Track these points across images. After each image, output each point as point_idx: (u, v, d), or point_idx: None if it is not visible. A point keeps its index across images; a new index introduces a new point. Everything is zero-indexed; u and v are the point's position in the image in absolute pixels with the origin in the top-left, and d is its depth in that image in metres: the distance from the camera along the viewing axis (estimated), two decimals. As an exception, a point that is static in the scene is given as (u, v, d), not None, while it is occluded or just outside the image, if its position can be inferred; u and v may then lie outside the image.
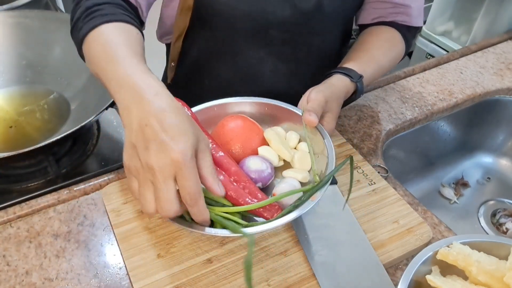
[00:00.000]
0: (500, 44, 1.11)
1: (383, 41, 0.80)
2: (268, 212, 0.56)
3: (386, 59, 0.78)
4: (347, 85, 0.71)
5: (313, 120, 0.63)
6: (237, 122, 0.66)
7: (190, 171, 0.46)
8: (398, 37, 0.81)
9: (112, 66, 0.53)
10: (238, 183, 0.58)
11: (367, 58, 0.76)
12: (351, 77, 0.71)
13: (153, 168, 0.46)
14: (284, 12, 0.73)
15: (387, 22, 0.81)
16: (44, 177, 0.82)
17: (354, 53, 0.77)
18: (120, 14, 0.60)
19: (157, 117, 0.47)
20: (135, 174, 0.49)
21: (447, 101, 0.91)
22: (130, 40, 0.57)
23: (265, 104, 0.70)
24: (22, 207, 0.67)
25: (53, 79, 1.02)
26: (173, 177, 0.46)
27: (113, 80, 0.52)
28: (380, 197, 0.67)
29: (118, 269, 0.60)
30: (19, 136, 0.89)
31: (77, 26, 0.61)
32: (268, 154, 0.65)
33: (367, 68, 0.74)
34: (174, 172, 0.46)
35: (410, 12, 0.80)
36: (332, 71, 0.73)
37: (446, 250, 0.50)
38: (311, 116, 0.63)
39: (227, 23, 0.75)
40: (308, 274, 0.57)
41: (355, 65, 0.73)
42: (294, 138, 0.67)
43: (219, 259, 0.58)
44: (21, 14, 1.07)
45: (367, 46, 0.78)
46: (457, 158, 1.02)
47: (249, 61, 0.80)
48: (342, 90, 0.70)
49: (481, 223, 0.91)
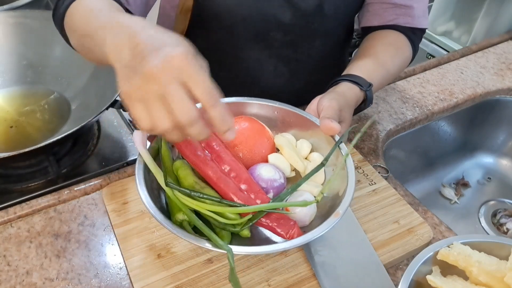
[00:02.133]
0: (501, 44, 1.11)
1: (388, 46, 0.76)
2: (283, 227, 0.51)
3: (393, 64, 0.74)
4: (357, 94, 0.67)
5: (335, 127, 0.57)
6: (246, 125, 0.61)
7: (197, 69, 0.42)
8: (403, 40, 0.78)
9: (97, 20, 0.51)
10: (248, 192, 0.54)
11: (374, 64, 0.72)
12: (361, 86, 0.67)
13: (156, 74, 0.41)
14: (285, 14, 0.73)
15: (391, 26, 0.78)
16: (45, 177, 0.82)
17: (360, 59, 0.73)
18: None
19: (147, 34, 0.43)
20: (138, 95, 0.43)
21: (448, 101, 0.91)
22: (114, 6, 0.57)
23: (274, 107, 0.65)
24: (22, 207, 0.67)
25: (54, 79, 1.02)
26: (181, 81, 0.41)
27: (99, 30, 0.50)
28: (380, 197, 0.67)
29: (119, 269, 0.60)
30: (19, 136, 0.89)
31: (58, 5, 0.61)
32: (279, 163, 0.59)
33: (374, 74, 0.70)
34: (180, 76, 0.41)
35: (413, 12, 0.77)
36: (338, 79, 0.68)
37: (446, 251, 0.50)
38: (332, 122, 0.57)
39: (227, 26, 0.75)
40: (308, 274, 0.57)
41: (362, 72, 0.69)
42: (305, 147, 0.62)
43: (220, 259, 0.58)
44: (22, 14, 1.07)
45: (372, 51, 0.74)
46: (457, 158, 1.02)
47: (250, 63, 0.80)
48: (353, 99, 0.66)
49: (481, 223, 0.91)
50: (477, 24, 1.26)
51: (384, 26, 0.78)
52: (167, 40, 0.43)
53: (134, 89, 0.43)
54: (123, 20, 0.47)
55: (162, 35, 0.44)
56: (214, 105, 0.42)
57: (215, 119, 0.43)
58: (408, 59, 0.78)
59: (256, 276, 0.57)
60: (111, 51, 0.46)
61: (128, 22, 0.46)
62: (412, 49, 0.78)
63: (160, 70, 0.41)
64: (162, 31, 0.44)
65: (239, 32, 0.76)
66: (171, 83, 0.41)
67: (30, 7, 1.18)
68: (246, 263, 0.58)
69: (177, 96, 0.41)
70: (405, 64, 0.78)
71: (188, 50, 0.42)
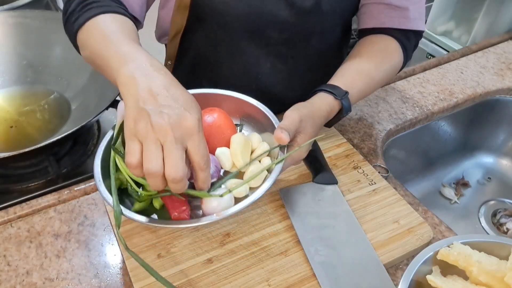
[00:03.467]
0: (501, 44, 1.11)
1: (376, 53, 0.75)
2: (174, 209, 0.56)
3: (379, 72, 0.74)
4: (329, 103, 0.66)
5: (283, 137, 0.58)
6: (213, 116, 0.63)
7: (202, 137, 0.48)
8: (394, 46, 0.76)
9: (113, 46, 0.55)
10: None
11: (357, 71, 0.72)
12: (335, 95, 0.67)
13: (167, 129, 0.46)
14: (282, 11, 0.73)
15: (385, 29, 0.77)
16: (45, 177, 0.83)
17: (344, 67, 0.73)
18: (115, 6, 0.63)
19: (167, 88, 0.49)
20: (142, 135, 0.47)
21: (448, 101, 0.91)
22: (127, 28, 0.60)
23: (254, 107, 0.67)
24: (22, 207, 0.67)
25: (54, 79, 1.02)
26: (184, 143, 0.47)
27: (115, 57, 0.54)
28: (380, 197, 0.67)
29: (119, 269, 0.60)
30: (19, 136, 0.89)
31: (71, 17, 0.63)
32: (223, 156, 0.61)
33: (356, 82, 0.70)
34: (186, 138, 0.47)
35: (408, 14, 0.75)
36: (317, 89, 0.69)
37: (446, 250, 0.50)
38: (282, 132, 0.58)
39: (224, 23, 0.75)
40: (308, 274, 0.57)
41: (343, 80, 0.69)
42: (261, 149, 0.63)
43: (220, 259, 0.58)
44: (22, 14, 1.07)
45: (358, 59, 0.74)
46: (457, 158, 1.02)
47: (247, 61, 0.80)
48: (324, 110, 0.66)
49: (481, 223, 0.91)
50: (477, 24, 1.26)
51: (379, 29, 0.78)
52: (184, 101, 0.49)
53: (141, 129, 0.47)
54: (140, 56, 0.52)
55: (181, 91, 0.50)
56: (204, 170, 0.50)
57: (200, 179, 0.51)
58: (397, 66, 0.78)
59: (256, 276, 0.57)
60: (127, 84, 0.50)
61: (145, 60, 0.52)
62: (403, 55, 0.77)
63: (172, 127, 0.46)
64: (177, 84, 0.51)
65: (235, 29, 0.76)
66: (175, 141, 0.47)
67: (30, 7, 1.18)
68: (246, 263, 0.58)
69: (176, 154, 0.47)
70: (394, 71, 0.78)
71: (199, 117, 0.49)
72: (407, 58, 0.79)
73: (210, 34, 0.78)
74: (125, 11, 0.65)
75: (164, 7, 0.81)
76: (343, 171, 0.71)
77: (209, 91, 0.69)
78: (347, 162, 0.72)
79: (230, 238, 0.61)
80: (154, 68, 0.51)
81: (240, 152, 0.61)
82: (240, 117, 0.70)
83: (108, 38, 0.57)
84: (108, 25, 0.59)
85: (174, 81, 0.51)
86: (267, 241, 0.61)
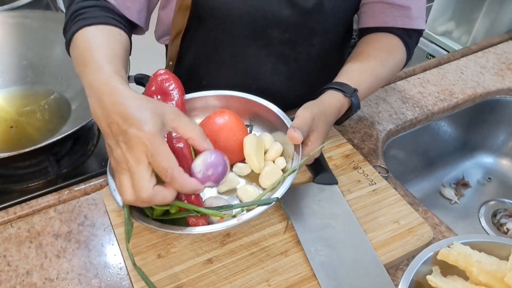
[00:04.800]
0: (501, 44, 1.11)
1: (380, 50, 0.76)
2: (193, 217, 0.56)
3: (384, 69, 0.74)
4: (339, 101, 0.67)
5: (297, 137, 0.58)
6: (224, 118, 0.64)
7: (158, 146, 0.47)
8: (397, 44, 0.77)
9: (85, 71, 0.56)
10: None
11: (363, 69, 0.72)
12: (344, 92, 0.67)
13: (125, 157, 0.48)
14: (283, 11, 0.73)
15: (387, 28, 0.77)
16: (45, 177, 0.83)
17: (349, 65, 0.73)
18: (104, 17, 0.62)
19: (117, 112, 0.49)
20: (115, 170, 0.50)
21: (448, 101, 0.91)
22: (109, 42, 0.60)
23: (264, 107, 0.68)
24: (22, 207, 0.67)
25: (54, 80, 1.02)
26: (146, 159, 0.48)
27: (85, 86, 0.55)
28: (380, 197, 0.67)
29: (119, 269, 0.60)
30: (19, 136, 0.89)
31: (66, 28, 0.64)
32: (240, 171, 0.63)
33: (362, 80, 0.70)
34: (144, 153, 0.47)
35: (410, 13, 0.76)
36: (325, 87, 0.69)
37: (447, 251, 0.50)
38: (295, 132, 0.58)
39: (225, 23, 0.75)
40: (308, 274, 0.57)
41: (350, 78, 0.69)
42: (275, 150, 0.64)
43: (220, 259, 0.58)
44: (22, 14, 1.07)
45: (363, 57, 0.74)
46: (457, 158, 1.02)
47: (248, 61, 0.80)
48: (334, 107, 0.66)
49: (481, 224, 0.91)
50: (477, 24, 1.26)
51: (381, 28, 0.78)
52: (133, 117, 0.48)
53: (112, 165, 0.51)
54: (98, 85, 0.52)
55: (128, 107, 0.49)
56: (172, 181, 0.48)
57: (177, 189, 0.50)
58: (401, 63, 0.78)
59: (256, 276, 0.57)
60: (93, 114, 0.52)
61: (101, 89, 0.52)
62: (406, 52, 0.78)
63: (129, 152, 0.48)
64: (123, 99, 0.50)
65: (237, 29, 0.76)
66: (136, 164, 0.48)
67: (30, 7, 1.18)
68: (246, 263, 0.58)
69: (138, 176, 0.48)
70: (397, 68, 0.78)
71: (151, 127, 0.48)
72: (410, 56, 0.80)
73: (211, 35, 0.78)
74: (116, 19, 0.64)
75: (164, 7, 0.81)
76: (343, 171, 0.71)
77: (216, 92, 0.70)
78: (347, 162, 0.72)
79: (230, 238, 0.61)
80: (107, 92, 0.51)
81: (254, 154, 0.62)
82: (249, 118, 0.70)
83: (85, 57, 0.57)
84: (88, 42, 0.59)
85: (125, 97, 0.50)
86: (267, 241, 0.61)
